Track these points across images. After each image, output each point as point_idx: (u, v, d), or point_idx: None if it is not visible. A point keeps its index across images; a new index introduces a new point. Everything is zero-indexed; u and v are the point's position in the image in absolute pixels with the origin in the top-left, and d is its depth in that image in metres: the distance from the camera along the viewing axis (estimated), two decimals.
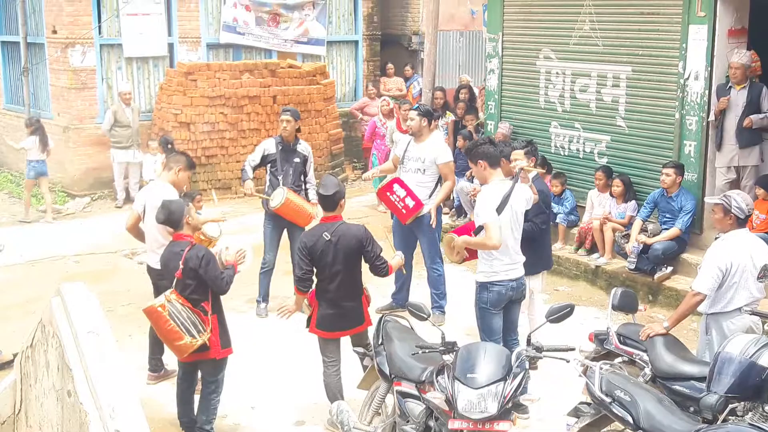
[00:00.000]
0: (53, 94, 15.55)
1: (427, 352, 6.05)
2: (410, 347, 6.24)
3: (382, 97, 15.72)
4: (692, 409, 5.91)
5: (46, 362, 6.12)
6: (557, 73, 11.75)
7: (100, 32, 15.09)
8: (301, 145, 9.81)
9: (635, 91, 10.84)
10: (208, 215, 10.21)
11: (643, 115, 10.82)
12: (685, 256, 10.14)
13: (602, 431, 6.32)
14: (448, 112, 14.31)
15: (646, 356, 6.54)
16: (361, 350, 7.03)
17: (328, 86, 16.20)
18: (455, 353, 5.82)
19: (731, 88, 9.94)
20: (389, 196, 9.31)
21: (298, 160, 9.71)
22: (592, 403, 6.15)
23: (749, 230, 6.83)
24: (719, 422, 5.51)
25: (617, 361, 6.68)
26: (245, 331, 8.87)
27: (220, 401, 7.00)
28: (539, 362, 7.72)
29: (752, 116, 9.85)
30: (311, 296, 7.10)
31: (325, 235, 6.90)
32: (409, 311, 6.41)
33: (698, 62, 10.04)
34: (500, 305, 7.18)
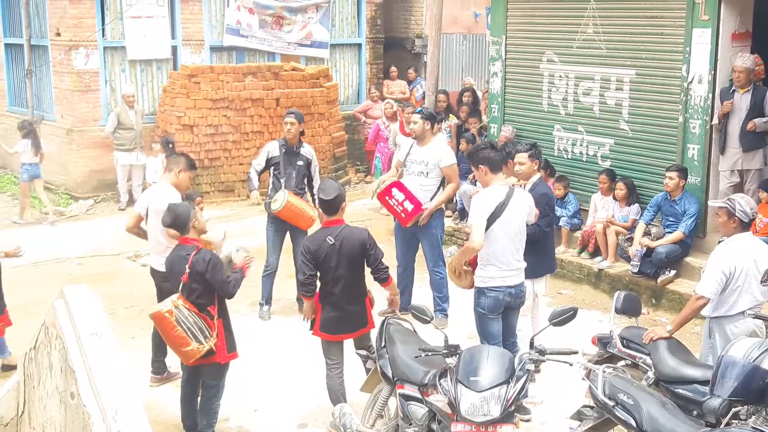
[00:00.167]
0: (57, 96, 15.57)
1: (430, 355, 6.05)
2: (413, 350, 6.24)
3: (385, 100, 15.73)
4: (695, 412, 5.90)
5: (49, 364, 6.13)
6: (560, 76, 11.74)
7: (103, 35, 15.12)
8: (304, 148, 9.81)
9: (638, 94, 10.83)
10: (209, 216, 10.24)
11: (646, 118, 10.81)
12: (688, 259, 10.13)
13: None
14: (451, 115, 14.31)
15: (649, 359, 6.53)
16: (364, 353, 7.03)
17: (331, 89, 16.21)
18: (458, 356, 5.82)
19: (735, 91, 9.94)
20: (388, 200, 9.30)
21: (301, 163, 9.71)
22: (595, 406, 6.14)
23: (753, 234, 6.83)
24: (722, 426, 5.49)
25: (620, 364, 6.67)
26: (248, 333, 8.86)
27: (221, 405, 6.99)
28: (542, 365, 7.74)
29: (756, 120, 9.84)
30: (315, 299, 7.10)
31: (328, 239, 6.90)
32: (411, 314, 6.43)
33: (702, 66, 10.03)
34: (497, 311, 7.17)
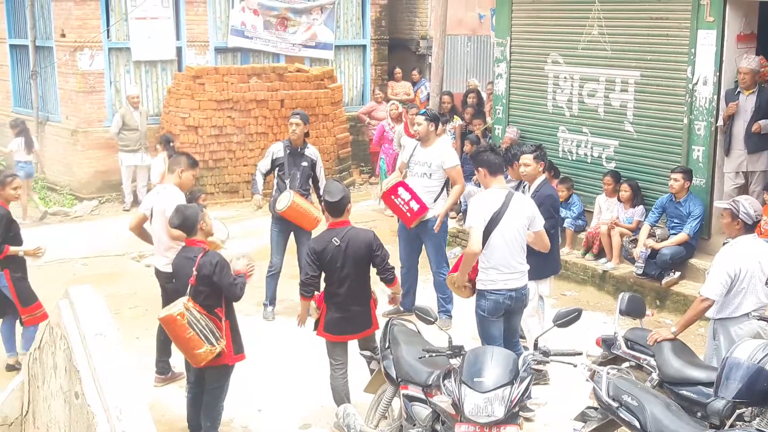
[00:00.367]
0: (62, 97, 15.59)
1: (434, 355, 6.04)
2: (417, 351, 6.23)
3: (389, 101, 15.73)
4: (699, 414, 5.90)
5: (53, 364, 6.13)
6: (565, 77, 11.74)
7: (108, 36, 15.14)
8: (309, 149, 9.82)
9: (643, 95, 10.83)
10: (212, 215, 10.24)
11: (651, 120, 10.80)
12: (693, 261, 10.12)
13: None
14: (455, 116, 14.30)
15: (653, 361, 6.52)
16: (368, 354, 7.03)
17: (335, 90, 16.21)
18: (462, 357, 5.81)
19: (740, 93, 9.93)
20: (394, 199, 9.30)
21: (305, 164, 9.72)
22: (599, 407, 6.14)
23: (758, 236, 6.82)
24: (727, 428, 5.49)
25: (624, 365, 6.66)
26: (252, 334, 8.85)
27: (224, 406, 6.99)
28: (546, 367, 7.73)
29: (761, 121, 9.83)
30: (319, 299, 7.10)
31: (334, 240, 6.89)
32: (416, 315, 6.43)
33: (707, 67, 10.02)
34: (497, 314, 7.15)
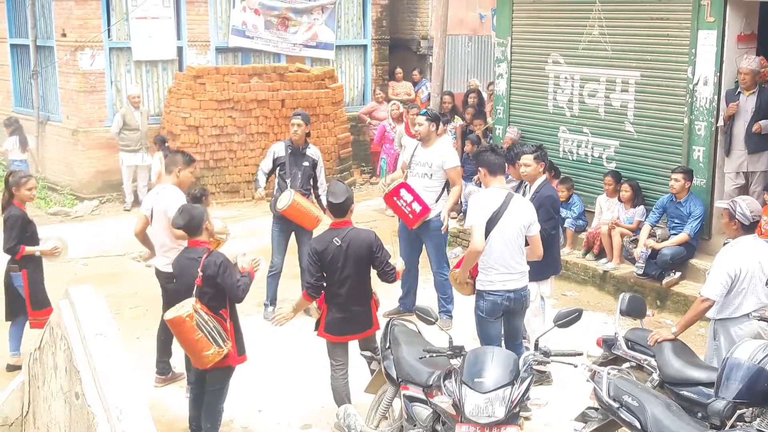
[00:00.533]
0: (62, 97, 15.59)
1: (434, 356, 6.04)
2: (418, 351, 6.23)
3: (390, 101, 15.73)
4: (700, 414, 5.90)
5: (54, 364, 6.13)
6: (566, 77, 11.74)
7: (109, 35, 15.13)
8: (310, 149, 9.83)
9: (644, 96, 10.83)
10: (213, 216, 10.25)
11: (651, 120, 10.80)
12: (693, 261, 10.12)
13: None
14: (456, 116, 14.30)
15: (654, 361, 6.52)
16: (368, 354, 7.03)
17: (336, 90, 16.20)
18: (463, 357, 5.81)
19: (740, 93, 9.93)
20: (396, 201, 9.30)
21: (307, 163, 9.72)
22: (599, 408, 6.14)
23: (758, 236, 6.82)
24: (727, 428, 5.49)
25: (625, 366, 6.66)
26: (253, 334, 8.86)
27: (224, 408, 6.99)
28: (547, 367, 7.73)
29: (761, 122, 9.83)
30: (320, 300, 7.10)
31: (335, 240, 6.89)
32: (416, 315, 6.43)
33: (707, 67, 10.02)
34: (495, 314, 7.15)
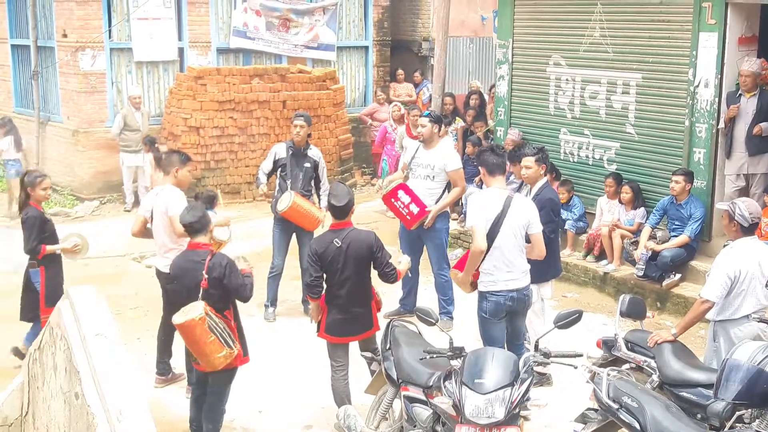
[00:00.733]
0: (63, 97, 15.60)
1: (434, 357, 6.05)
2: (418, 352, 6.23)
3: (392, 102, 15.72)
4: (699, 416, 5.90)
5: (53, 364, 6.13)
6: (567, 79, 11.74)
7: (110, 36, 15.14)
8: (311, 150, 9.83)
9: (645, 98, 10.83)
10: (215, 218, 10.25)
11: (652, 122, 10.80)
12: (693, 263, 10.12)
13: None
14: (457, 118, 14.30)
15: (653, 363, 6.53)
16: (368, 355, 7.03)
17: (337, 91, 16.20)
18: (463, 358, 5.82)
19: (741, 95, 9.93)
20: (394, 202, 9.30)
21: (308, 165, 9.73)
22: (599, 409, 6.14)
23: (758, 238, 6.82)
24: (726, 429, 5.49)
25: (625, 367, 6.67)
26: (253, 335, 8.86)
27: (225, 409, 6.99)
28: (547, 368, 7.73)
29: (762, 124, 9.84)
30: (321, 301, 7.11)
31: (335, 241, 6.90)
32: (417, 316, 6.43)
33: (708, 70, 10.03)
34: (499, 315, 7.15)
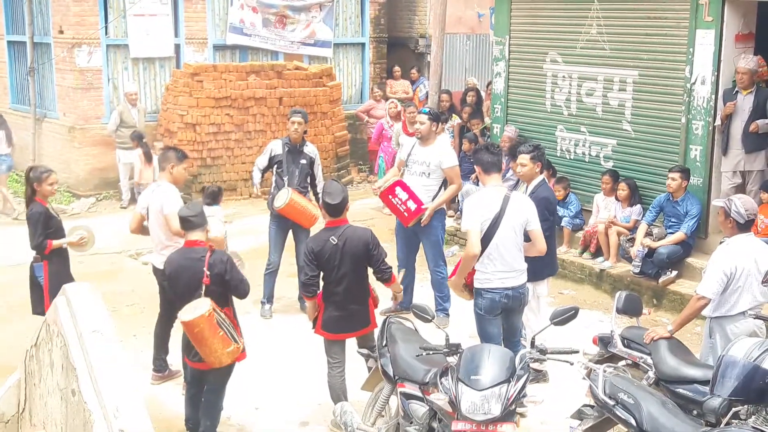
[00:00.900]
0: (59, 94, 15.59)
1: (431, 353, 6.05)
2: (414, 349, 6.23)
3: (388, 99, 15.72)
4: (695, 412, 5.90)
5: (50, 361, 6.13)
6: (564, 76, 11.74)
7: (106, 32, 15.13)
8: (307, 146, 9.83)
9: (642, 95, 10.83)
10: (219, 213, 10.26)
11: (649, 119, 10.81)
12: (689, 260, 10.13)
13: None
14: (453, 115, 14.30)
15: (649, 359, 6.53)
16: (365, 351, 7.03)
17: (334, 88, 16.20)
18: (459, 355, 5.81)
19: (738, 93, 9.94)
20: (391, 199, 9.30)
21: (304, 161, 9.73)
22: (595, 405, 6.14)
23: (754, 235, 6.83)
24: (722, 425, 5.49)
25: (621, 364, 6.67)
26: (250, 332, 8.86)
27: (223, 407, 6.99)
28: (543, 365, 7.73)
29: (758, 121, 9.84)
30: (318, 298, 7.11)
31: (331, 239, 6.90)
32: (413, 313, 6.43)
33: (705, 67, 10.03)
34: (494, 312, 7.15)
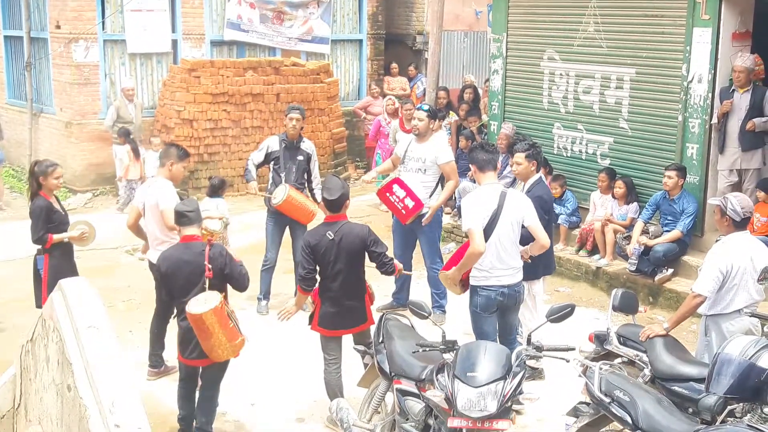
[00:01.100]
0: (56, 89, 15.55)
1: (427, 350, 6.05)
2: (411, 346, 6.24)
3: (386, 96, 15.72)
4: (691, 410, 5.91)
5: (46, 357, 6.12)
6: (561, 74, 11.74)
7: (103, 28, 15.10)
8: (304, 143, 9.82)
9: (639, 93, 10.84)
10: (222, 205, 10.28)
11: (646, 117, 10.81)
12: (685, 258, 10.15)
13: (601, 431, 6.33)
14: (451, 112, 14.30)
15: (645, 357, 6.54)
16: (361, 348, 7.03)
17: (331, 85, 16.19)
18: (455, 352, 5.82)
19: (734, 91, 9.95)
20: (389, 196, 9.28)
21: (301, 158, 9.72)
22: (591, 403, 6.15)
23: (750, 233, 6.84)
24: (718, 423, 5.51)
25: (617, 361, 6.67)
26: (246, 328, 8.85)
27: (219, 403, 6.99)
28: (539, 362, 7.74)
29: (755, 119, 9.85)
30: (314, 294, 7.11)
31: (328, 234, 6.91)
32: (410, 310, 6.43)
33: (702, 65, 10.03)
34: (490, 310, 7.16)
